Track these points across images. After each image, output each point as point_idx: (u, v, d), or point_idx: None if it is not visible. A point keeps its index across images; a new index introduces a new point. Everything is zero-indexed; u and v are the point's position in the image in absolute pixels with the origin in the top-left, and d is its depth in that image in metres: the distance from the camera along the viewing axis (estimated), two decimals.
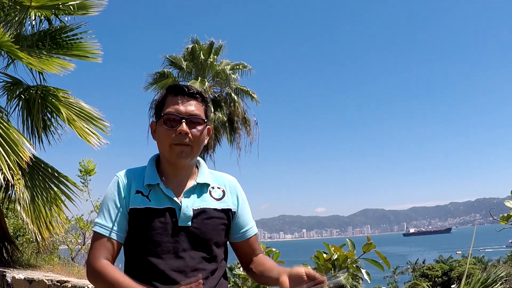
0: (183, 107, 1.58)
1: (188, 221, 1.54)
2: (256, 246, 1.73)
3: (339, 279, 1.38)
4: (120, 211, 1.56)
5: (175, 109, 1.57)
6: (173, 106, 1.58)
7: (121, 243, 1.57)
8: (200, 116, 1.60)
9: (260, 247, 1.77)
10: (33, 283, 4.93)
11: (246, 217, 1.70)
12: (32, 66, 5.63)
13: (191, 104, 1.59)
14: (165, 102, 1.61)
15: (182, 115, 1.56)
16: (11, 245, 6.30)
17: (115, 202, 1.57)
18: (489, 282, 3.14)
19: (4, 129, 5.03)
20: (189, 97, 1.60)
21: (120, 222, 1.55)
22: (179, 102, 1.58)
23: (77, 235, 7.98)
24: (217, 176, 1.71)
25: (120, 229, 1.55)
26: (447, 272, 31.32)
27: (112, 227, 1.54)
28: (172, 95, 1.61)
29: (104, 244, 1.53)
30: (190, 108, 1.58)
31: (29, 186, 5.65)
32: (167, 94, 1.63)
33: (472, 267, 24.38)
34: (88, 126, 5.86)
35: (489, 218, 29.46)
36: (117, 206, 1.56)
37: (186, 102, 1.59)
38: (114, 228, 1.54)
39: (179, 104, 1.58)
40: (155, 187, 1.58)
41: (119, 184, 1.59)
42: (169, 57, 20.19)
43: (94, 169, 7.26)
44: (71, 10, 6.05)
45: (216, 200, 1.63)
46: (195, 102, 1.61)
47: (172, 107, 1.58)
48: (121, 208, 1.56)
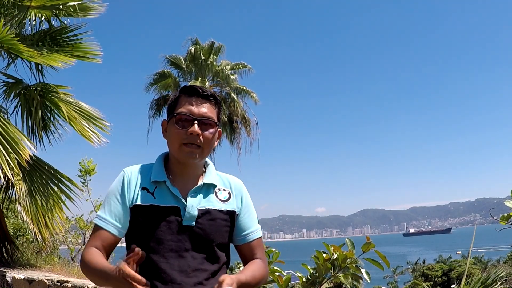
0: (196, 108, 1.57)
1: (193, 221, 1.54)
2: (256, 251, 1.68)
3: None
4: (121, 206, 1.57)
5: (188, 109, 1.57)
6: (186, 106, 1.57)
7: (119, 237, 1.58)
8: (213, 118, 1.59)
9: (262, 252, 1.71)
10: (33, 283, 4.93)
11: (249, 220, 1.68)
12: (32, 60, 5.61)
13: (204, 106, 1.59)
14: (178, 102, 1.60)
15: (194, 116, 1.56)
16: (11, 245, 6.30)
17: (116, 197, 1.58)
18: (489, 282, 3.14)
19: (4, 127, 5.03)
20: (203, 99, 1.59)
21: (119, 216, 1.56)
22: (192, 103, 1.58)
23: (77, 235, 7.98)
24: (224, 178, 1.70)
25: (118, 223, 1.56)
26: (447, 272, 31.33)
27: (110, 220, 1.55)
28: (186, 95, 1.60)
29: (99, 236, 1.55)
30: (203, 110, 1.57)
31: (29, 186, 5.65)
32: (181, 94, 1.62)
33: (472, 267, 24.40)
34: (88, 125, 5.86)
35: (489, 218, 29.45)
36: (119, 201, 1.57)
37: (199, 104, 1.58)
38: (112, 222, 1.55)
39: (192, 105, 1.57)
40: (161, 185, 1.58)
41: (124, 179, 1.59)
42: (169, 57, 20.21)
43: (94, 169, 7.26)
44: (71, 11, 6.05)
45: (221, 201, 1.62)
46: (209, 104, 1.60)
47: (185, 108, 1.57)
48: (122, 203, 1.57)
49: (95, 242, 1.55)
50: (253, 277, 1.57)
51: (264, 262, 1.69)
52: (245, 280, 1.50)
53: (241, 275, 1.52)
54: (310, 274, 2.86)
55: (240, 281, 1.46)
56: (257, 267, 1.63)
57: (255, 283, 1.59)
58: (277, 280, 2.75)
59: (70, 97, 6.06)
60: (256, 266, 1.64)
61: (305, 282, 2.85)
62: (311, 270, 2.87)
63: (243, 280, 1.48)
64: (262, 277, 1.64)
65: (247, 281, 1.51)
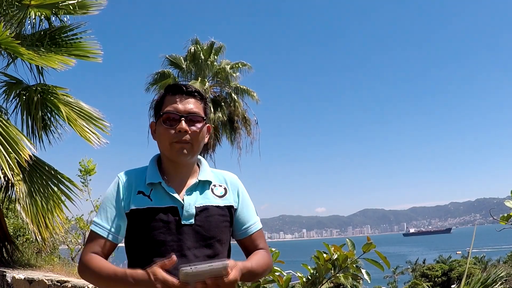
0: (181, 105, 1.58)
1: (191, 219, 1.54)
2: (258, 242, 1.69)
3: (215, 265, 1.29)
4: (117, 211, 1.57)
5: (174, 107, 1.58)
6: (171, 105, 1.59)
7: (115, 243, 1.59)
8: (199, 114, 1.60)
9: (264, 242, 1.72)
10: (33, 283, 4.93)
11: (248, 213, 1.69)
12: (33, 62, 5.62)
13: (190, 102, 1.60)
14: (164, 101, 1.62)
15: (181, 113, 1.57)
16: (11, 245, 6.30)
17: (112, 203, 1.59)
18: (489, 282, 3.14)
19: (4, 128, 5.03)
20: (187, 96, 1.61)
21: (115, 222, 1.57)
22: (177, 101, 1.59)
23: (77, 235, 7.97)
24: (218, 174, 1.71)
25: (114, 229, 1.57)
26: (447, 272, 31.31)
27: (107, 226, 1.56)
28: (171, 94, 1.62)
29: (96, 242, 1.56)
30: (189, 106, 1.59)
31: (29, 186, 5.65)
32: (166, 93, 1.63)
33: (472, 267, 24.40)
34: (88, 126, 5.86)
35: (489, 218, 29.40)
36: (114, 207, 1.58)
37: (184, 101, 1.59)
38: (108, 228, 1.56)
39: (177, 102, 1.59)
40: (157, 186, 1.58)
41: (119, 185, 1.60)
42: (169, 57, 20.21)
43: (94, 169, 7.25)
44: (71, 9, 6.04)
45: (218, 197, 1.62)
46: (194, 100, 1.62)
47: (171, 106, 1.58)
48: (118, 209, 1.58)
49: (93, 248, 1.55)
50: (258, 264, 1.57)
51: (267, 252, 1.70)
52: (250, 266, 1.51)
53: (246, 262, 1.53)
54: (310, 274, 2.86)
55: (246, 267, 1.46)
56: (261, 256, 1.64)
57: (262, 271, 1.61)
58: (277, 280, 2.74)
59: (70, 97, 6.06)
60: (260, 255, 1.65)
61: (305, 282, 2.85)
62: (311, 270, 2.87)
63: (248, 267, 1.49)
64: (267, 265, 1.64)
65: (252, 268, 1.52)
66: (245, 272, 1.46)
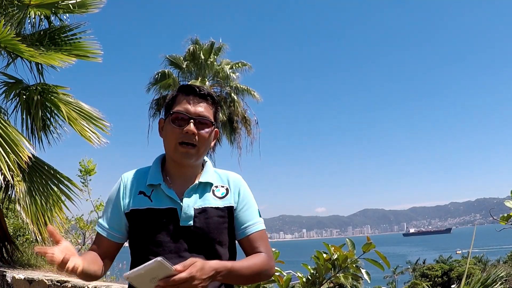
0: (192, 107, 1.57)
1: (190, 221, 1.53)
2: (258, 244, 1.59)
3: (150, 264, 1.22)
4: (117, 212, 1.60)
5: (185, 108, 1.57)
6: (182, 105, 1.58)
7: (116, 242, 1.62)
8: (209, 118, 1.59)
9: (265, 245, 1.60)
10: (33, 283, 4.93)
11: (248, 213, 1.63)
12: (33, 59, 5.60)
13: (201, 105, 1.59)
14: (176, 100, 1.61)
15: (190, 115, 1.56)
16: (11, 245, 6.30)
17: (113, 204, 1.62)
18: (489, 282, 3.14)
19: (4, 128, 5.03)
20: (200, 98, 1.59)
21: (116, 222, 1.60)
22: (189, 102, 1.58)
23: (77, 235, 7.97)
24: (222, 175, 1.69)
25: (115, 230, 1.61)
26: (447, 272, 31.31)
27: (106, 226, 1.61)
28: (183, 94, 1.60)
29: (96, 241, 1.63)
30: (199, 109, 1.58)
31: (29, 186, 5.65)
32: (179, 93, 1.62)
33: (472, 267, 24.40)
34: (88, 125, 5.85)
35: (489, 218, 29.41)
36: (115, 207, 1.61)
37: (196, 103, 1.58)
38: (109, 228, 1.61)
39: (189, 104, 1.58)
40: (158, 187, 1.58)
41: (120, 185, 1.63)
42: (169, 57, 20.22)
43: (94, 169, 7.24)
44: (71, 8, 6.03)
45: (218, 198, 1.61)
46: (205, 103, 1.60)
47: (182, 106, 1.57)
48: (117, 209, 1.60)
49: (92, 246, 1.63)
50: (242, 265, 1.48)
51: (267, 255, 1.59)
52: (230, 266, 1.42)
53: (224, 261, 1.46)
54: (310, 274, 2.86)
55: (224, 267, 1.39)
56: (254, 257, 1.55)
57: (250, 272, 1.50)
58: (277, 280, 2.74)
59: (70, 97, 6.05)
60: (254, 257, 1.56)
61: (306, 282, 2.85)
62: (312, 270, 2.87)
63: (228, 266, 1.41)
64: (260, 267, 1.53)
65: (233, 268, 1.43)
66: (224, 272, 1.39)
